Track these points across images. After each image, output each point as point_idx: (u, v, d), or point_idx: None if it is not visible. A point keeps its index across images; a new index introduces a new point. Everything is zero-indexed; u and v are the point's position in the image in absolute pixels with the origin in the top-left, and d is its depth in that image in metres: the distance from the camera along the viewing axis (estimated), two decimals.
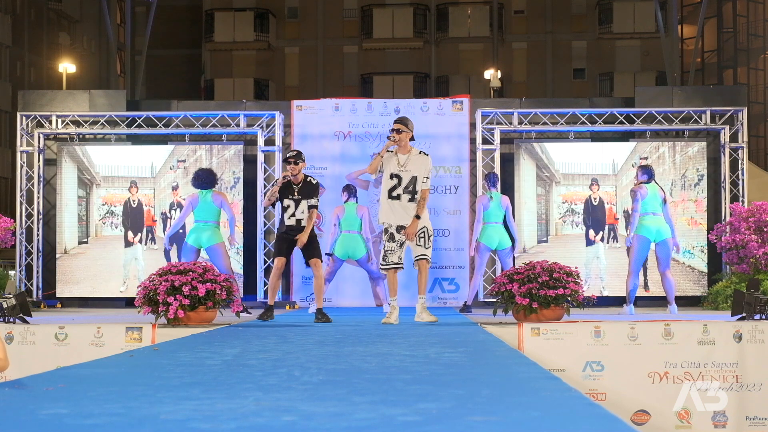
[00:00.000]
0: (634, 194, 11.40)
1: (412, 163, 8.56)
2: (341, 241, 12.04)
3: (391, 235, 8.53)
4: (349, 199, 12.20)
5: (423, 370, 4.46)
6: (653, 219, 11.28)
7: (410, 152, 8.60)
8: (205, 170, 11.80)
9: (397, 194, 8.53)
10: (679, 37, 30.68)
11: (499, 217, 11.75)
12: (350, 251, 12.04)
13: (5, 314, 8.39)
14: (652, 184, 11.38)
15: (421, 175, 8.55)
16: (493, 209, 11.68)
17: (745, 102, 14.75)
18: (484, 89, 33.84)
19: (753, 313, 8.42)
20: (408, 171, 8.55)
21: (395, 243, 8.53)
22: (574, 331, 8.09)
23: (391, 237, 8.53)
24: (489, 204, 11.70)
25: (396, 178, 8.55)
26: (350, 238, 12.01)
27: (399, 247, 8.54)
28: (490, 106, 15.21)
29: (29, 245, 14.72)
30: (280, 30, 38.23)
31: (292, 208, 9.52)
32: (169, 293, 8.25)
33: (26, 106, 15.04)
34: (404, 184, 8.53)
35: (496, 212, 11.71)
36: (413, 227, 8.46)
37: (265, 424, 2.79)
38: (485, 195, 11.89)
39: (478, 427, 2.68)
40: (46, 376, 4.25)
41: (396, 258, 8.53)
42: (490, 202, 11.70)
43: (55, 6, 39.82)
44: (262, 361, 4.92)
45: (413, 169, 8.55)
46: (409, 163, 8.55)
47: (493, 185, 11.89)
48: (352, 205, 12.11)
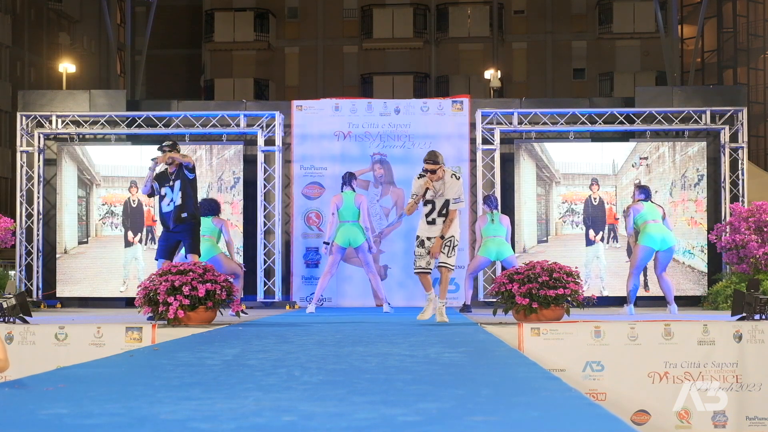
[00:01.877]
0: (628, 211, 11.45)
1: (445, 189, 8.90)
2: (341, 231, 12.08)
3: (421, 241, 8.94)
4: (346, 187, 12.20)
5: (423, 370, 4.46)
6: (656, 227, 11.21)
7: (443, 178, 8.92)
8: (209, 200, 11.86)
9: (432, 219, 8.94)
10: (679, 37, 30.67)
11: (500, 232, 11.80)
12: (351, 239, 12.09)
13: (5, 314, 8.39)
14: (648, 203, 11.38)
15: (452, 198, 8.91)
16: (494, 227, 11.78)
17: (745, 102, 14.75)
18: (484, 89, 33.83)
19: (753, 313, 8.42)
20: (442, 197, 8.90)
21: (424, 249, 8.92)
22: (574, 331, 8.09)
23: (421, 243, 8.94)
24: (488, 223, 11.80)
25: (430, 204, 8.94)
26: (349, 228, 12.05)
27: (427, 254, 8.92)
28: (490, 106, 15.21)
29: (29, 245, 14.72)
30: (280, 30, 38.22)
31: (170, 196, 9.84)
32: (169, 293, 8.25)
33: (26, 106, 15.04)
34: (438, 208, 8.92)
35: (497, 228, 11.79)
36: (437, 246, 8.84)
37: (265, 424, 2.79)
38: (485, 216, 11.93)
39: (478, 427, 2.68)
40: (46, 376, 4.25)
41: (424, 263, 8.92)
42: (490, 223, 11.78)
43: (55, 6, 39.82)
44: (262, 361, 4.92)
45: (447, 194, 8.90)
46: (443, 190, 8.90)
47: (494, 207, 11.99)
48: (350, 195, 12.10)
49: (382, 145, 14.79)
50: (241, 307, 10.57)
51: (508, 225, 11.95)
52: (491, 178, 14.47)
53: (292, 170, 14.95)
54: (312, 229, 14.79)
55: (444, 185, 8.89)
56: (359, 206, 12.05)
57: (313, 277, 14.60)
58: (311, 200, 14.74)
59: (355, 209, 12.04)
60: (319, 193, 14.81)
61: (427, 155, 8.95)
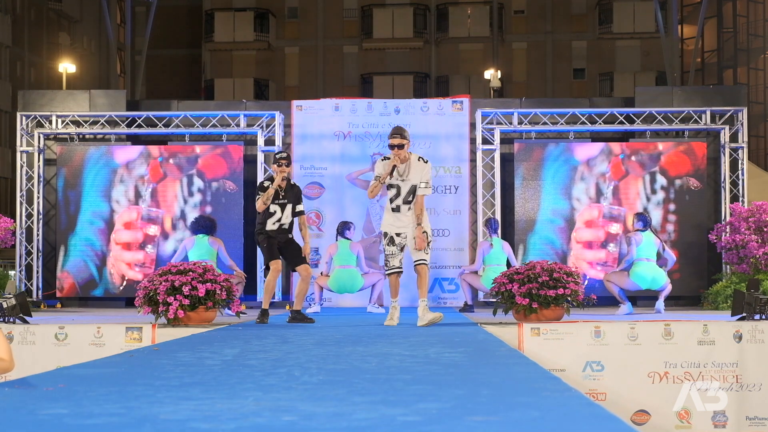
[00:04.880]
0: (629, 239, 11.48)
1: (411, 172, 8.32)
2: (336, 276, 11.99)
3: (390, 238, 8.37)
4: (340, 237, 12.15)
5: (423, 370, 4.46)
6: (647, 266, 11.23)
7: (409, 160, 8.35)
8: (205, 217, 11.80)
9: (396, 205, 8.35)
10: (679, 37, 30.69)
11: (501, 260, 11.86)
12: (348, 285, 12.08)
13: (5, 314, 8.39)
14: (647, 231, 11.37)
15: (420, 182, 8.31)
16: (495, 253, 11.86)
17: (745, 102, 14.74)
18: (484, 89, 33.84)
19: (753, 313, 8.42)
20: (407, 180, 8.30)
21: (395, 247, 8.37)
22: (574, 331, 8.10)
23: (390, 241, 8.37)
24: (490, 250, 11.93)
25: (395, 189, 8.36)
26: (346, 273, 12.01)
27: (399, 251, 8.38)
28: (490, 106, 15.21)
29: (29, 245, 14.72)
30: (280, 30, 38.23)
31: (279, 213, 9.24)
32: (169, 293, 8.25)
33: (26, 106, 15.04)
34: (403, 194, 8.34)
35: (498, 256, 11.86)
36: (420, 237, 8.22)
37: (265, 424, 2.79)
38: (486, 241, 12.00)
39: (478, 427, 2.68)
40: (46, 376, 4.25)
41: (397, 262, 8.36)
42: (491, 249, 11.87)
43: (55, 6, 39.81)
44: (262, 361, 4.92)
45: (413, 178, 8.30)
46: (408, 172, 8.32)
47: (494, 231, 12.06)
48: (345, 243, 12.07)
49: (382, 145, 14.78)
50: (241, 307, 10.56)
51: (509, 252, 12.09)
52: (491, 178, 14.47)
53: (292, 170, 14.93)
54: (312, 229, 14.78)
55: (409, 168, 8.29)
56: (357, 254, 12.09)
57: (312, 277, 14.59)
58: (311, 200, 14.73)
59: (353, 255, 12.01)
60: (319, 193, 14.81)
61: (393, 129, 8.32)
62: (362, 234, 14.70)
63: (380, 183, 8.31)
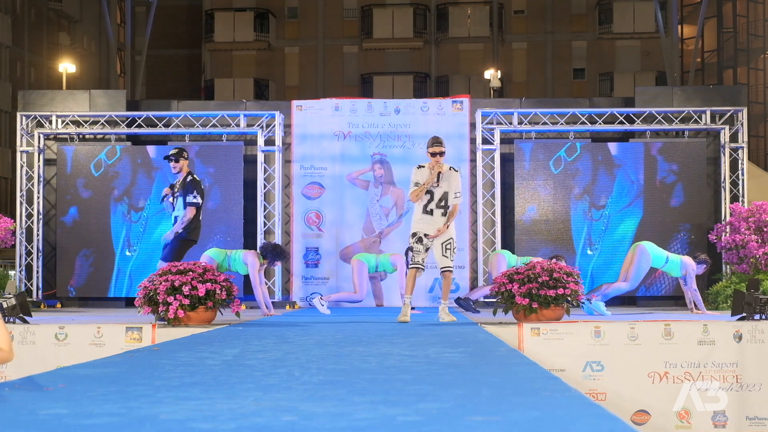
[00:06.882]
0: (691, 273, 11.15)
1: (444, 180, 8.93)
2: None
3: (419, 238, 8.98)
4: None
5: (423, 370, 4.46)
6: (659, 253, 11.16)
7: (442, 168, 8.96)
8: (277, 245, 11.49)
9: (430, 209, 8.98)
10: (679, 37, 30.68)
11: None
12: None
13: (5, 314, 8.39)
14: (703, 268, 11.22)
15: (452, 190, 8.95)
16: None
17: (745, 102, 14.75)
18: (484, 89, 33.83)
19: (753, 313, 8.42)
20: (440, 187, 8.92)
21: (422, 246, 8.99)
22: (574, 331, 8.09)
23: (419, 240, 8.99)
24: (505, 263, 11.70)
25: (429, 194, 8.96)
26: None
27: (425, 251, 9.00)
28: (490, 106, 15.21)
29: (29, 245, 14.72)
30: (280, 30, 38.21)
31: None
32: (169, 293, 8.25)
33: (26, 106, 15.04)
34: (436, 199, 8.95)
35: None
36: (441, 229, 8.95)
37: (265, 424, 2.79)
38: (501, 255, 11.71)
39: (478, 427, 2.68)
40: (46, 376, 4.25)
41: (420, 259, 8.98)
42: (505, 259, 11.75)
43: (55, 6, 39.81)
44: (262, 361, 4.92)
45: (445, 186, 8.93)
46: (441, 180, 8.92)
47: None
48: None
49: (382, 145, 14.80)
50: (241, 307, 10.54)
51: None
52: (491, 178, 14.48)
53: (291, 170, 14.95)
54: (312, 229, 14.78)
55: (442, 175, 8.93)
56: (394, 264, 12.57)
57: (312, 277, 14.61)
58: (311, 200, 14.74)
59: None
60: (319, 193, 14.81)
61: (434, 139, 8.99)
62: (362, 234, 14.71)
63: (424, 188, 8.94)
